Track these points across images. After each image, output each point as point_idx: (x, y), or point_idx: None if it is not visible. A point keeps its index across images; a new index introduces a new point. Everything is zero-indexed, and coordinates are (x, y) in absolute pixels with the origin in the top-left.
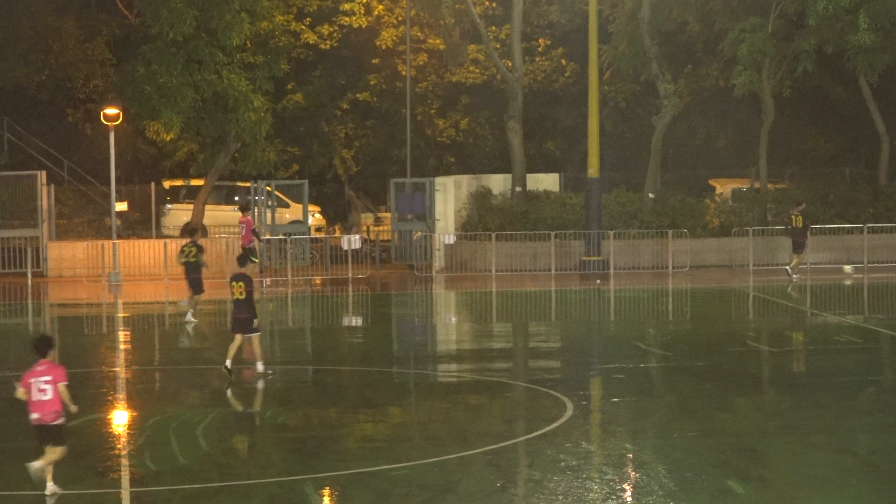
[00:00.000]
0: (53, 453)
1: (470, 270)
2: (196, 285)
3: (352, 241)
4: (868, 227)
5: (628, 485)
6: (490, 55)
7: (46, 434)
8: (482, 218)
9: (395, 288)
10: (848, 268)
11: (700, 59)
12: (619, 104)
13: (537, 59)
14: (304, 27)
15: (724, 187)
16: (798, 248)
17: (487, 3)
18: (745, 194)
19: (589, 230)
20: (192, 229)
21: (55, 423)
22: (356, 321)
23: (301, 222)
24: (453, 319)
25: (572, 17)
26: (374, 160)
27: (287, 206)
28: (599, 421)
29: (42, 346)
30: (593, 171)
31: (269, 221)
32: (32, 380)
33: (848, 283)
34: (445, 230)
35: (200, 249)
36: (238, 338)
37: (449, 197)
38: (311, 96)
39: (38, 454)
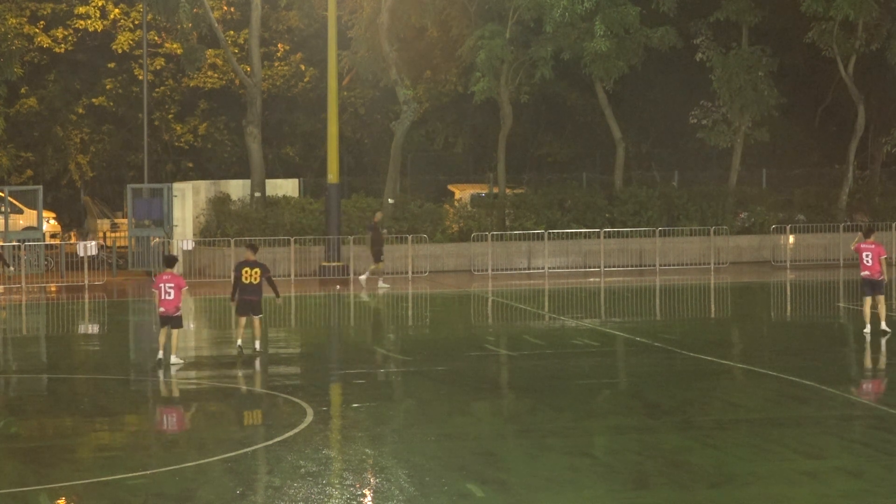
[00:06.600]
0: (174, 337)
1: (209, 276)
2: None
3: (88, 248)
4: (604, 232)
5: (369, 490)
6: (228, 60)
7: (169, 320)
8: (221, 224)
9: (131, 295)
10: None
11: (439, 65)
12: (359, 110)
13: (276, 64)
14: (37, 30)
15: (462, 192)
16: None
17: (226, 8)
18: (484, 199)
19: (328, 235)
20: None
21: (176, 314)
22: (92, 329)
23: (35, 229)
24: (191, 325)
25: (311, 23)
26: (111, 165)
27: (21, 212)
28: (339, 426)
29: (169, 261)
30: (333, 176)
31: (1, 228)
32: (161, 284)
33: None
34: (183, 236)
35: None
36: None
37: (187, 202)
38: (46, 100)
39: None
